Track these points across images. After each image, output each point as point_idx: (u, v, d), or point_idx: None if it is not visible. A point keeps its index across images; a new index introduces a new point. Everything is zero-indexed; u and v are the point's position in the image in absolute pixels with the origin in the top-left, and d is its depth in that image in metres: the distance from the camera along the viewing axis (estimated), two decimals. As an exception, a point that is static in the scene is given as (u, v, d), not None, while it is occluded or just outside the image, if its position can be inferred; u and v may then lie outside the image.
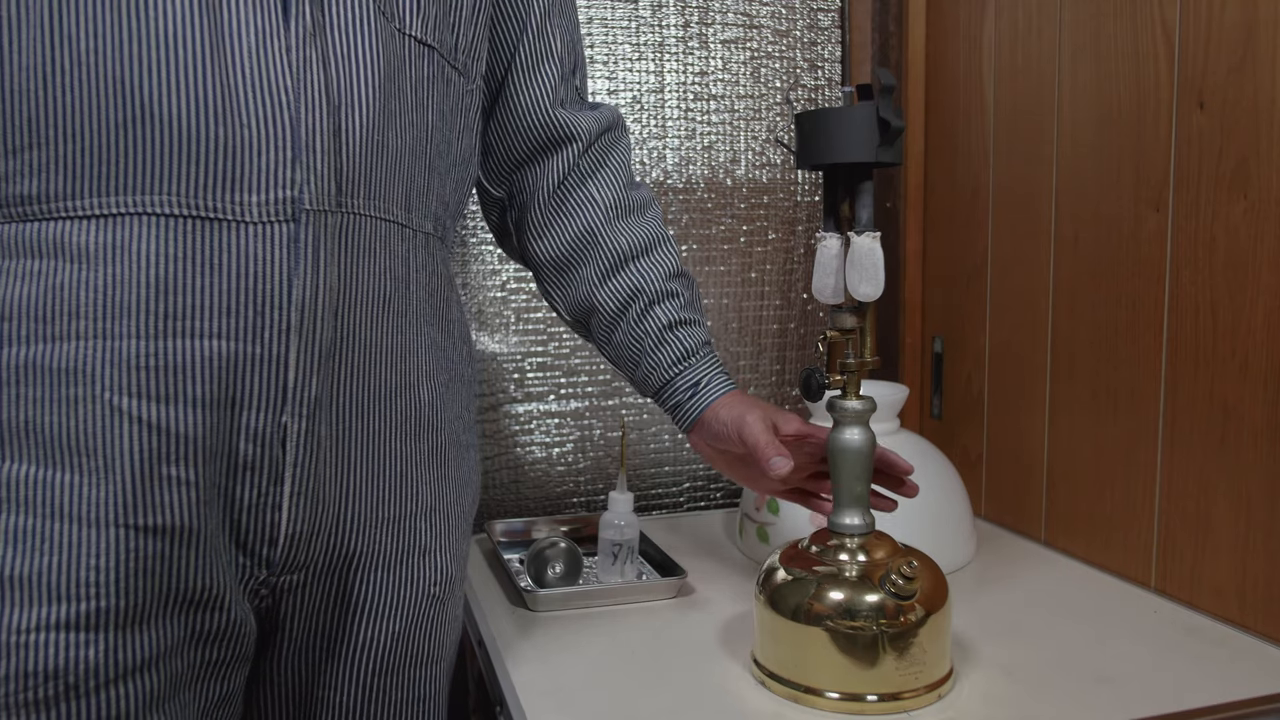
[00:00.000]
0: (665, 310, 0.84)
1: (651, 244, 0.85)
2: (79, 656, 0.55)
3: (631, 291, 0.84)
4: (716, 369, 0.84)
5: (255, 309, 0.58)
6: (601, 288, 0.84)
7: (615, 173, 0.86)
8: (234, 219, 0.57)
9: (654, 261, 0.85)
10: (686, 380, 0.83)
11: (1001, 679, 0.79)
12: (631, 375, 0.86)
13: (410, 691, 0.73)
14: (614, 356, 0.87)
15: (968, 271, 1.23)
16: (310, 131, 0.59)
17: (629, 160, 0.89)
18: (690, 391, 0.83)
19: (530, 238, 0.87)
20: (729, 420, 0.80)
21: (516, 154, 0.85)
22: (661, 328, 0.83)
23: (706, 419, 0.82)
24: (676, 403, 0.84)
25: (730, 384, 0.84)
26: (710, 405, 0.82)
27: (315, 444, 0.62)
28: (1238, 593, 0.88)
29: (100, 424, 0.56)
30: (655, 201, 0.89)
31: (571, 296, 0.86)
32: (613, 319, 0.85)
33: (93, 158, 0.56)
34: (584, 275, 0.85)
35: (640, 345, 0.84)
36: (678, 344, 0.83)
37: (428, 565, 0.72)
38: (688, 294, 0.86)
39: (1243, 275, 0.86)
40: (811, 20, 1.32)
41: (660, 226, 0.87)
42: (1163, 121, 0.94)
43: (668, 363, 0.83)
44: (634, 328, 0.84)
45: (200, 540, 0.59)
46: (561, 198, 0.85)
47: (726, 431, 0.80)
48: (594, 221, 0.84)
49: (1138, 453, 0.98)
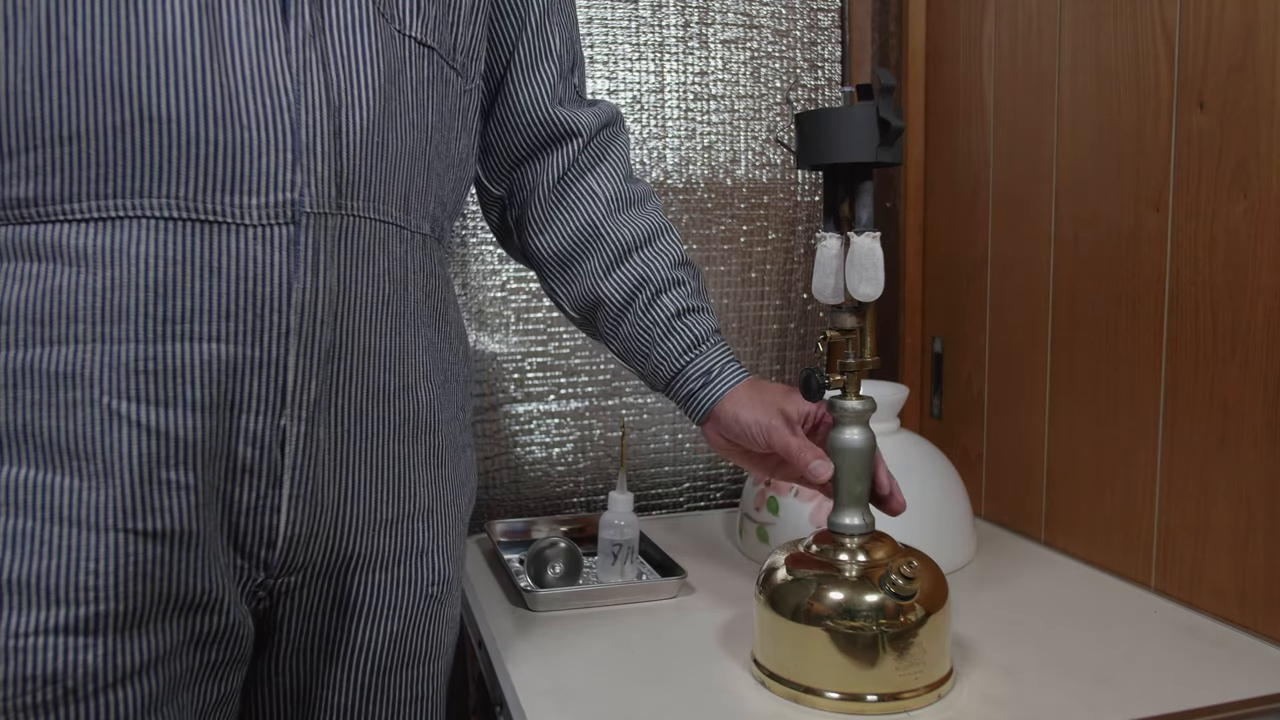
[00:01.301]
0: (673, 298, 0.83)
1: (654, 234, 0.85)
2: (78, 660, 0.55)
3: (638, 281, 0.83)
4: (728, 357, 0.83)
5: (254, 312, 0.58)
6: (606, 279, 0.84)
7: (615, 166, 0.86)
8: (233, 222, 0.57)
9: (658, 251, 0.84)
10: (698, 369, 0.82)
11: (1001, 679, 0.79)
12: (641, 368, 0.85)
13: (408, 691, 0.73)
14: (622, 350, 0.86)
15: (968, 271, 1.23)
16: (310, 134, 0.58)
17: (628, 154, 0.89)
18: (702, 380, 0.82)
19: (532, 234, 0.86)
20: (752, 424, 0.79)
21: (516, 152, 0.85)
22: (670, 316, 0.83)
23: (723, 416, 0.81)
24: (689, 392, 0.83)
25: (742, 373, 0.83)
26: (725, 396, 0.81)
27: (314, 446, 0.62)
28: (1238, 593, 0.88)
29: (99, 428, 0.55)
30: (654, 194, 0.89)
31: (576, 291, 0.86)
32: (619, 310, 0.84)
33: (90, 160, 0.55)
34: (588, 269, 0.84)
35: (649, 335, 0.83)
36: (687, 331, 0.83)
37: (425, 566, 0.72)
38: (694, 282, 0.85)
39: (1243, 275, 0.86)
40: (811, 20, 1.32)
41: (662, 217, 0.87)
42: (1163, 121, 0.94)
43: (678, 351, 0.83)
44: (642, 317, 0.83)
45: (199, 543, 0.59)
46: (562, 193, 0.85)
47: (750, 434, 0.79)
48: (596, 215, 0.84)
49: (1138, 453, 0.98)
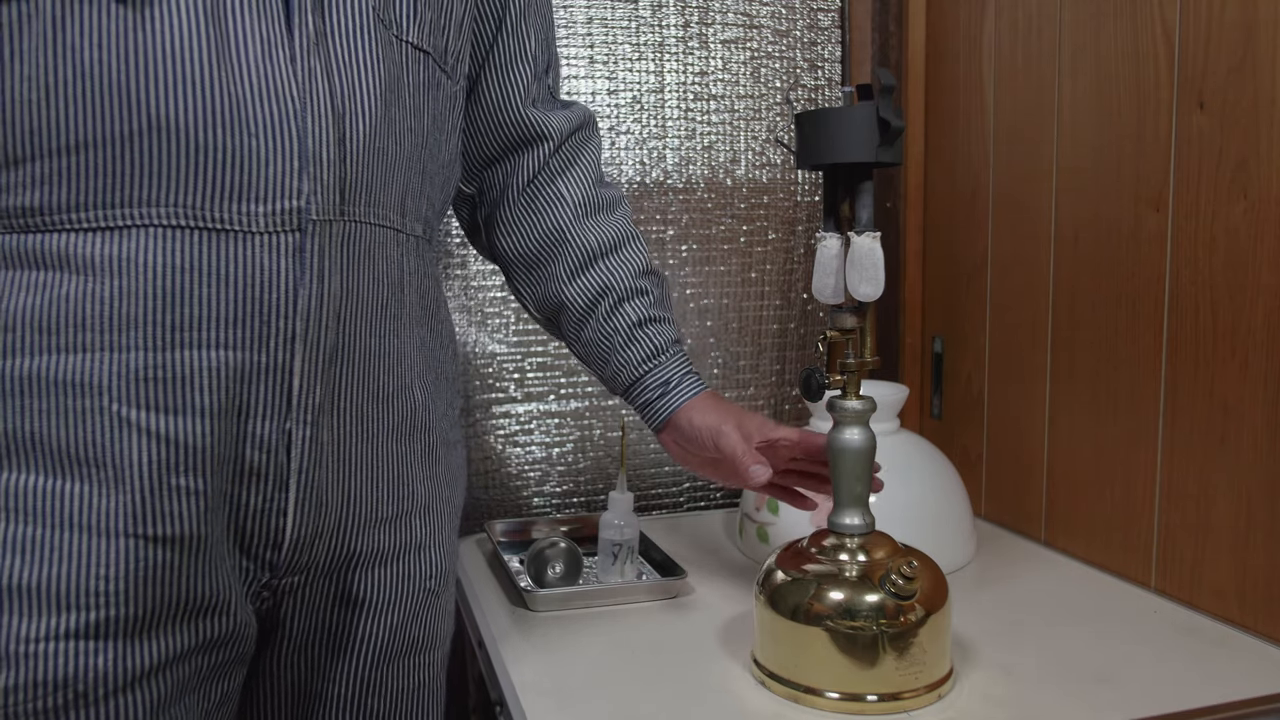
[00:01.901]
0: (634, 308, 0.84)
1: (620, 242, 0.85)
2: (88, 665, 0.56)
3: (601, 289, 0.84)
4: (686, 368, 0.85)
5: (261, 319, 0.58)
6: (570, 285, 0.84)
7: (585, 171, 0.86)
8: (240, 229, 0.57)
9: (623, 259, 0.85)
10: (656, 379, 0.84)
11: (1001, 679, 0.79)
12: (601, 373, 0.87)
13: (408, 680, 0.74)
14: (583, 354, 0.87)
15: (968, 271, 1.23)
16: (316, 141, 0.59)
17: (599, 159, 0.89)
18: (660, 390, 0.84)
19: (500, 235, 0.87)
20: (703, 428, 0.81)
21: (487, 151, 0.85)
22: (630, 325, 0.84)
23: (679, 422, 0.83)
24: (646, 401, 0.84)
25: (700, 385, 0.84)
26: (681, 407, 0.83)
27: (318, 449, 0.62)
28: (1238, 593, 0.88)
29: (109, 436, 0.56)
30: (625, 200, 0.89)
31: (540, 294, 0.87)
32: (581, 316, 0.85)
33: (97, 169, 0.55)
34: (553, 273, 0.85)
35: (609, 343, 0.84)
36: (647, 341, 0.84)
37: (423, 560, 0.73)
38: (657, 292, 0.86)
39: (1243, 275, 0.86)
40: (811, 20, 1.32)
41: (629, 225, 0.87)
42: (1163, 121, 0.94)
43: (636, 360, 0.84)
44: (603, 325, 0.84)
45: (207, 548, 0.59)
46: (531, 195, 0.85)
47: (701, 438, 0.81)
48: (563, 219, 0.84)
49: (1138, 453, 0.98)
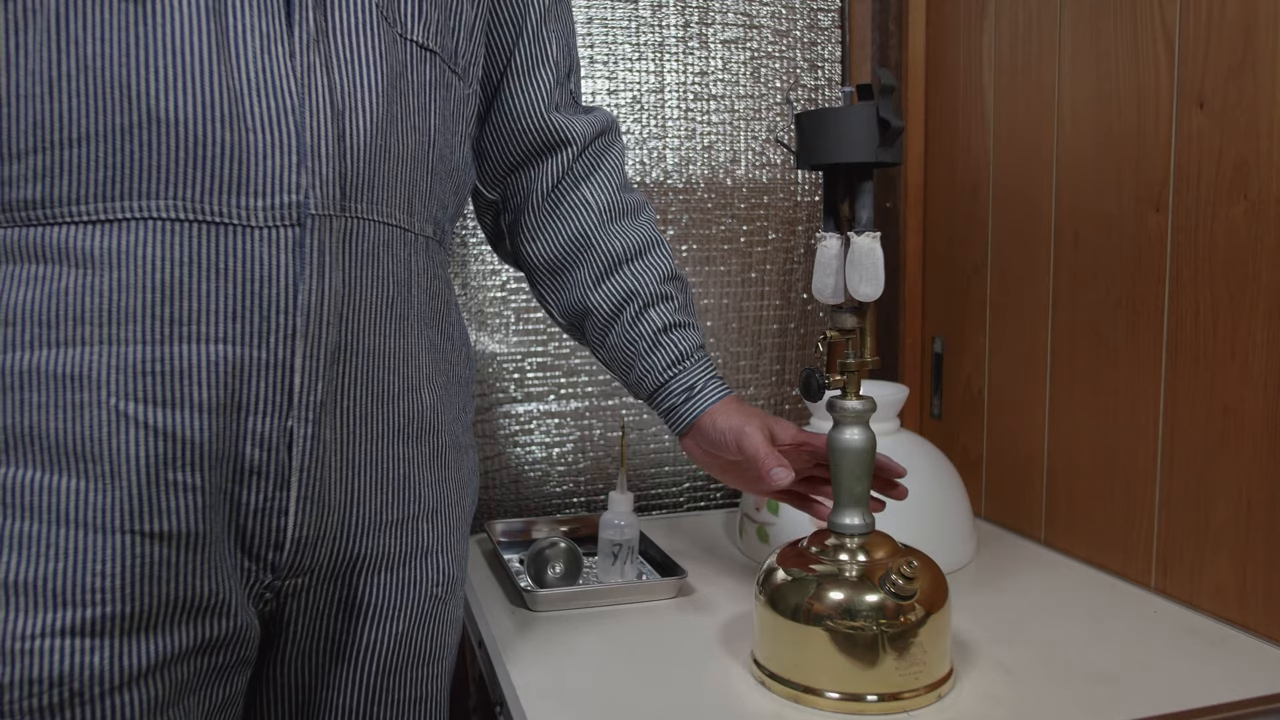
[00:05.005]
0: (660, 313, 0.84)
1: (646, 247, 0.85)
2: (84, 663, 0.55)
3: (626, 294, 0.84)
4: (711, 374, 0.85)
5: (261, 314, 0.58)
6: (595, 291, 0.84)
7: (609, 176, 0.86)
8: (239, 223, 0.57)
9: (648, 264, 0.85)
10: (681, 384, 0.84)
11: (1001, 679, 0.79)
12: (625, 379, 0.87)
13: (412, 691, 0.73)
14: (608, 360, 0.87)
15: (968, 271, 1.23)
16: (315, 136, 0.59)
17: (623, 164, 0.89)
18: (685, 395, 0.84)
19: (524, 241, 0.87)
20: (727, 429, 0.81)
21: (511, 158, 0.85)
22: (656, 331, 0.84)
23: (702, 425, 0.83)
24: (671, 406, 0.84)
25: (725, 390, 0.84)
26: (705, 411, 0.83)
27: (320, 448, 0.62)
28: (1238, 593, 0.88)
29: (106, 430, 0.56)
30: (649, 205, 0.89)
31: (565, 300, 0.87)
32: (607, 322, 0.85)
33: (97, 162, 0.55)
34: (578, 279, 0.85)
35: (635, 348, 0.84)
36: (672, 347, 0.84)
37: (430, 567, 0.72)
38: (682, 297, 0.86)
39: (1243, 275, 0.86)
40: (811, 20, 1.32)
41: (654, 230, 0.87)
42: (1162, 122, 0.94)
43: (662, 366, 0.84)
44: (628, 331, 0.84)
45: (206, 545, 0.59)
46: (555, 201, 0.85)
47: (724, 440, 0.81)
48: (588, 225, 0.84)
49: (1138, 453, 0.98)
